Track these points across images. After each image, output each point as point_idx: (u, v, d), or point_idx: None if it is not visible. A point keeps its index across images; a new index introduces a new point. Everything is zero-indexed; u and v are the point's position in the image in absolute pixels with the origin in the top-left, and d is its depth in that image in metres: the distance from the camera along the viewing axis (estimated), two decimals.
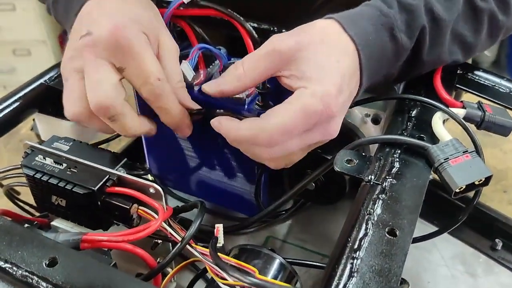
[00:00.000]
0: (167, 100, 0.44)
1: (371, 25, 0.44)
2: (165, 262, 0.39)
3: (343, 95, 0.41)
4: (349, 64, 0.42)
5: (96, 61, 0.42)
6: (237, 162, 0.55)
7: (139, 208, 0.42)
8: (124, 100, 0.43)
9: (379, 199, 0.37)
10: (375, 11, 0.45)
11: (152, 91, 0.43)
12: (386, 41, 0.45)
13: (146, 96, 0.43)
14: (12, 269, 0.32)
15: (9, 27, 2.22)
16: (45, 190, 0.43)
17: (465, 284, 0.54)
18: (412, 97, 0.48)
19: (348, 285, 0.31)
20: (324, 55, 0.42)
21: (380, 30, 0.44)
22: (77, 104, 0.43)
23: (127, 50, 0.42)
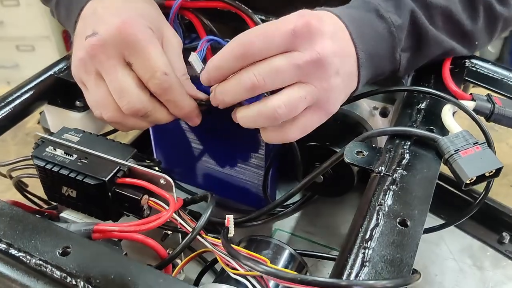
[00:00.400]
0: (175, 93, 0.45)
1: (356, 10, 0.45)
2: (176, 251, 0.39)
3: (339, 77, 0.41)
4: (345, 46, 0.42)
5: (109, 62, 0.43)
6: (245, 155, 0.55)
7: (150, 199, 0.42)
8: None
9: (390, 190, 0.37)
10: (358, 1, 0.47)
11: (160, 85, 0.43)
12: (374, 20, 0.45)
13: (154, 90, 0.44)
14: (26, 258, 0.33)
15: (13, 22, 2.23)
16: (55, 181, 0.43)
17: (473, 277, 0.54)
18: (421, 89, 0.48)
19: (360, 274, 0.31)
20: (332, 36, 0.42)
21: (366, 12, 0.45)
22: (107, 109, 0.45)
23: (134, 46, 0.43)
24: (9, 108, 0.48)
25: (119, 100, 0.44)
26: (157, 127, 0.59)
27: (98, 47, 0.43)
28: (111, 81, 0.43)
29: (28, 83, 0.51)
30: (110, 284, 0.31)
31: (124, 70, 0.43)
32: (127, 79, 0.43)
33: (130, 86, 0.43)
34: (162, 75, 0.43)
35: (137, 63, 0.43)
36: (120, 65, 0.43)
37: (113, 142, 0.45)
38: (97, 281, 0.31)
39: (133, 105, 0.43)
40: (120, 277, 0.31)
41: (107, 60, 0.43)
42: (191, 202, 0.45)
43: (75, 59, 0.46)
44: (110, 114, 0.45)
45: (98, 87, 0.45)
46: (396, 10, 0.46)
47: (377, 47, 0.45)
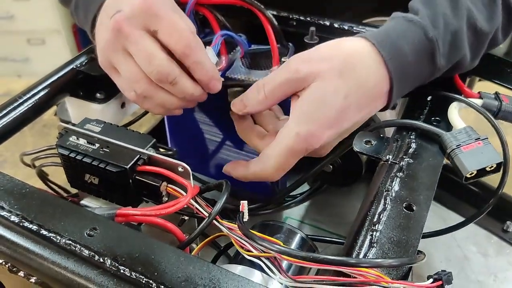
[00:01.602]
0: (202, 53, 0.46)
1: (413, 52, 0.44)
2: (194, 234, 0.41)
3: (335, 129, 0.43)
4: (361, 98, 0.43)
5: (136, 34, 0.44)
6: None
7: (168, 186, 0.44)
8: None
9: (397, 177, 0.39)
10: (419, 33, 0.44)
11: (188, 45, 0.45)
12: (425, 66, 0.45)
13: (182, 50, 0.45)
14: (56, 238, 0.35)
15: (23, 16, 2.24)
16: (79, 169, 0.45)
17: (477, 263, 0.56)
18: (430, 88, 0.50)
19: (368, 254, 0.34)
20: (334, 90, 0.42)
21: (422, 56, 0.44)
22: (139, 83, 0.46)
23: (158, 14, 0.44)
24: (34, 100, 0.51)
25: (148, 66, 0.44)
26: (172, 118, 0.61)
27: (123, 21, 0.44)
28: (139, 50, 0.44)
29: (51, 76, 0.53)
30: (135, 262, 0.33)
31: (150, 38, 0.44)
32: (154, 45, 0.44)
33: (157, 51, 0.44)
34: (189, 34, 0.45)
35: (162, 28, 0.44)
36: (146, 35, 0.44)
37: (132, 132, 0.48)
38: (123, 259, 0.33)
39: (162, 68, 0.44)
40: (144, 256, 0.34)
41: (132, 32, 0.44)
42: (207, 190, 0.48)
43: (101, 43, 0.47)
44: (143, 88, 0.46)
45: (127, 63, 0.46)
46: (448, 53, 0.45)
47: (411, 87, 0.47)
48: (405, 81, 0.44)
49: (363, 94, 0.43)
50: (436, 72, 0.46)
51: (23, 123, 0.50)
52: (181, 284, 0.32)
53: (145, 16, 0.44)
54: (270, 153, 0.45)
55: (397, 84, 0.43)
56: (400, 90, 0.44)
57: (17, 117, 0.49)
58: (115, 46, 0.46)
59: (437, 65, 0.45)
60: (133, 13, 0.44)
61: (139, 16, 0.44)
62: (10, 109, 0.49)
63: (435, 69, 0.46)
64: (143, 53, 0.44)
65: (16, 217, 0.37)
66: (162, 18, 0.44)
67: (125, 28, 0.44)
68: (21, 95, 0.50)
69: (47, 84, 0.52)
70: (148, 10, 0.44)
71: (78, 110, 0.57)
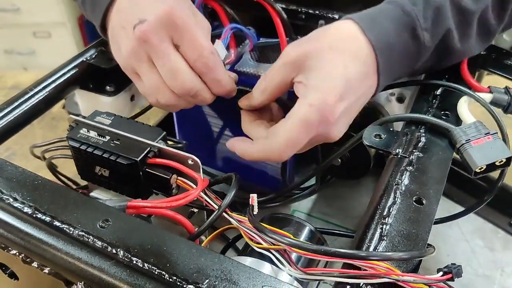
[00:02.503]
0: (219, 71, 0.47)
1: (392, 24, 0.45)
2: (204, 226, 0.42)
3: (346, 101, 0.43)
4: (359, 69, 0.43)
5: (162, 45, 0.45)
6: None
7: (178, 178, 0.44)
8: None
9: (407, 171, 0.40)
10: (397, 9, 0.45)
11: (207, 64, 0.46)
12: (408, 41, 0.45)
13: (201, 68, 0.46)
14: (69, 229, 0.35)
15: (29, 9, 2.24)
16: (89, 161, 0.45)
17: (484, 257, 0.56)
18: (440, 83, 0.50)
19: (378, 247, 0.34)
20: (330, 62, 0.43)
21: (402, 30, 0.45)
22: (163, 94, 0.47)
23: (182, 28, 0.45)
24: (45, 92, 0.51)
25: (172, 81, 0.46)
26: (180, 112, 0.61)
27: (150, 32, 0.44)
28: (164, 64, 0.45)
29: (61, 68, 0.53)
30: (147, 253, 0.34)
31: (175, 53, 0.45)
32: (179, 60, 0.45)
33: (182, 67, 0.45)
34: (209, 54, 0.46)
35: (185, 44, 0.45)
36: (171, 48, 0.45)
37: (142, 125, 0.48)
38: (135, 251, 0.34)
39: (186, 84, 0.46)
40: (156, 247, 0.34)
41: (159, 44, 0.45)
42: (216, 183, 0.48)
43: (125, 51, 0.47)
44: (167, 98, 0.47)
45: (152, 73, 0.47)
46: (432, 27, 0.46)
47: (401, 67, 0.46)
48: (388, 52, 0.44)
49: (359, 63, 0.43)
50: (423, 48, 0.46)
51: (34, 116, 0.51)
52: (193, 275, 0.32)
53: (170, 27, 0.45)
54: (280, 127, 0.44)
55: (380, 53, 0.43)
56: (387, 64, 0.44)
57: (28, 110, 0.50)
58: (140, 56, 0.46)
59: (421, 40, 0.45)
60: (159, 23, 0.44)
61: (164, 27, 0.45)
62: (21, 102, 0.50)
63: (420, 45, 0.45)
64: (168, 67, 0.45)
65: (29, 209, 0.37)
66: (185, 33, 0.45)
67: (152, 39, 0.45)
68: (31, 87, 0.51)
69: (57, 77, 0.53)
70: (173, 22, 0.45)
71: (88, 102, 0.57)
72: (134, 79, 0.50)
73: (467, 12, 0.47)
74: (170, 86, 0.46)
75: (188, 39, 0.45)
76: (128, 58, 0.47)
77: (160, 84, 0.47)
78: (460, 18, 0.47)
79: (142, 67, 0.47)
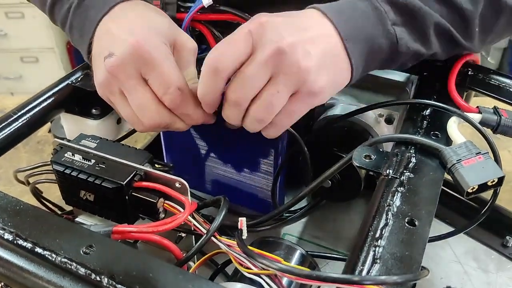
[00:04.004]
0: (188, 107, 0.46)
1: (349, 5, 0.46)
2: (192, 251, 0.40)
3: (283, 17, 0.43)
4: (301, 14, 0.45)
5: (129, 82, 0.45)
6: (254, 161, 0.56)
7: (165, 202, 0.44)
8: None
9: (398, 192, 0.39)
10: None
11: (173, 101, 0.45)
12: (371, 21, 0.45)
13: (168, 104, 0.46)
14: (51, 256, 0.34)
15: (17, 34, 2.25)
16: (74, 185, 0.44)
17: (478, 279, 0.55)
18: (428, 103, 0.50)
19: (371, 271, 0.33)
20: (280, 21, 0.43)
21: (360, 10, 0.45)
22: (137, 125, 0.48)
23: (149, 63, 0.44)
24: (28, 116, 0.50)
25: (140, 116, 0.46)
26: (167, 134, 0.61)
27: (116, 68, 0.44)
28: (132, 99, 0.46)
29: (46, 91, 0.53)
30: (132, 280, 0.32)
31: (143, 88, 0.45)
32: (146, 96, 0.45)
33: (148, 102, 0.45)
34: (175, 91, 0.45)
35: (152, 79, 0.45)
36: (139, 83, 0.45)
37: (129, 148, 0.47)
38: (120, 277, 0.33)
39: (153, 120, 0.46)
40: (142, 274, 0.33)
41: (127, 80, 0.45)
42: (204, 206, 0.47)
43: (98, 81, 0.47)
44: (141, 128, 0.48)
45: (124, 105, 0.47)
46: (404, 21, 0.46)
47: (363, 22, 0.45)
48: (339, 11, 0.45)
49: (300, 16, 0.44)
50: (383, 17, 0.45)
51: (18, 139, 0.50)
52: None
53: (137, 62, 0.44)
54: None
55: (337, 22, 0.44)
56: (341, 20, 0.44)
57: (11, 133, 0.49)
58: (111, 89, 0.47)
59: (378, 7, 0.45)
60: (125, 59, 0.44)
61: (131, 63, 0.44)
62: (4, 125, 0.49)
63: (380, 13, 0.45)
64: (136, 101, 0.46)
65: (10, 235, 0.36)
66: (152, 67, 0.44)
67: (119, 75, 0.45)
68: (15, 111, 0.50)
69: (42, 100, 0.52)
70: (139, 57, 0.44)
71: (74, 126, 0.56)
72: (111, 105, 0.50)
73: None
74: (140, 119, 0.47)
75: (155, 74, 0.45)
76: (101, 89, 0.48)
77: (132, 116, 0.47)
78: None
79: (115, 98, 0.48)
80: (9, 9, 2.17)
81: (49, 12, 0.55)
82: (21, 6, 2.14)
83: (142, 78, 0.45)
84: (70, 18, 0.52)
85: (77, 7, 0.51)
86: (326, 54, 0.43)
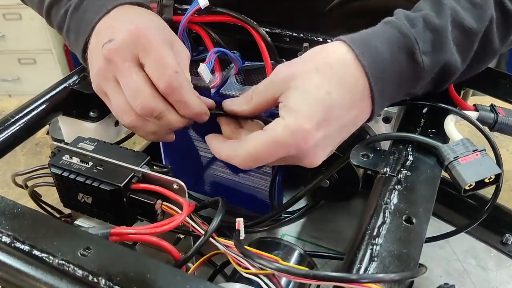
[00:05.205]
0: (185, 92, 0.46)
1: (388, 48, 0.42)
2: (191, 252, 0.40)
3: (325, 129, 0.41)
4: (344, 96, 0.41)
5: (124, 65, 0.44)
6: None
7: (163, 204, 0.43)
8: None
9: (395, 190, 0.39)
10: (393, 31, 0.43)
11: (169, 83, 0.44)
12: (405, 66, 0.43)
13: (163, 88, 0.45)
14: (49, 258, 0.34)
15: (15, 36, 2.25)
16: (72, 188, 0.44)
17: (478, 277, 0.55)
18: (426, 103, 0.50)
19: (369, 269, 0.33)
20: (314, 86, 0.41)
21: (398, 52, 0.42)
22: (127, 115, 0.46)
23: (147, 47, 0.44)
24: (26, 119, 0.50)
25: (133, 101, 0.45)
26: None
27: (114, 51, 0.44)
28: (126, 83, 0.45)
29: (44, 95, 0.53)
30: (130, 281, 0.32)
31: (138, 72, 0.45)
32: (141, 79, 0.45)
33: (143, 86, 0.44)
34: (172, 73, 0.44)
35: (148, 62, 0.45)
36: (135, 67, 0.45)
37: (126, 150, 0.47)
38: (118, 279, 0.32)
39: (146, 104, 0.44)
40: (139, 275, 0.33)
41: (122, 63, 0.44)
42: (202, 207, 0.47)
43: (93, 70, 0.47)
44: (131, 119, 0.47)
45: (117, 93, 0.46)
46: (431, 51, 0.43)
47: (397, 93, 0.44)
48: (384, 79, 0.42)
49: (345, 91, 0.41)
50: (422, 72, 0.43)
51: (16, 142, 0.50)
52: None
53: (135, 47, 0.45)
54: (251, 137, 0.43)
55: (374, 80, 0.41)
56: (382, 91, 0.42)
57: (9, 136, 0.49)
58: (106, 75, 0.46)
59: (419, 63, 0.43)
60: (124, 43, 0.44)
61: (129, 47, 0.44)
62: (3, 128, 0.49)
63: (418, 68, 0.43)
64: (130, 87, 0.45)
65: (8, 238, 0.36)
66: (150, 51, 0.45)
67: (115, 58, 0.45)
68: (13, 114, 0.50)
69: (40, 103, 0.52)
70: (138, 41, 0.44)
71: (71, 128, 0.56)
72: (105, 100, 0.49)
73: (470, 32, 0.44)
74: (132, 106, 0.45)
75: (152, 58, 0.45)
76: (96, 78, 0.47)
77: (124, 104, 0.46)
78: (462, 39, 0.44)
79: (109, 87, 0.47)
80: (6, 11, 2.17)
81: (46, 15, 0.55)
82: (19, 7, 2.14)
83: (139, 63, 0.45)
84: (67, 22, 0.52)
85: (74, 10, 0.51)
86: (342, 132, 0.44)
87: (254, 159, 0.42)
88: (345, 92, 0.41)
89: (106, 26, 0.48)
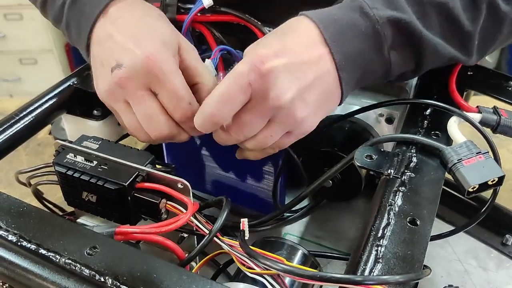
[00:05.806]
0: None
1: (340, 10, 0.45)
2: (195, 252, 0.41)
3: (284, 58, 0.42)
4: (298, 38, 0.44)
5: (137, 93, 0.45)
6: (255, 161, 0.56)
7: (168, 203, 0.44)
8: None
9: (399, 191, 0.39)
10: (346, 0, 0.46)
11: (185, 114, 0.46)
12: (357, 19, 0.44)
13: (178, 118, 0.46)
14: (55, 257, 0.34)
15: (16, 36, 2.24)
16: (76, 186, 0.44)
17: (478, 277, 0.56)
18: (429, 102, 0.50)
19: (374, 270, 0.33)
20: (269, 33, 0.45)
21: (346, 10, 0.44)
22: (139, 134, 0.49)
23: (160, 78, 0.44)
24: (30, 118, 0.50)
25: (147, 127, 0.47)
26: None
27: (125, 79, 0.44)
28: (140, 110, 0.46)
29: (48, 93, 0.53)
30: (136, 281, 0.33)
31: (151, 100, 0.45)
32: (154, 108, 0.46)
33: (157, 114, 0.46)
34: (186, 105, 0.45)
35: (163, 93, 0.45)
36: (147, 95, 0.45)
37: (131, 149, 0.47)
38: (124, 278, 0.33)
39: (162, 131, 0.46)
40: (146, 274, 0.33)
41: (135, 91, 0.45)
42: (206, 206, 0.47)
43: (102, 89, 0.47)
44: (143, 138, 0.49)
45: (128, 114, 0.47)
46: (382, 6, 0.44)
47: (361, 47, 0.44)
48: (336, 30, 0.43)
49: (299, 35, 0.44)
50: (376, 24, 0.43)
51: (20, 141, 0.50)
52: None
53: (147, 76, 0.44)
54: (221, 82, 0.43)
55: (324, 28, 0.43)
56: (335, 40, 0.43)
57: (13, 135, 0.49)
58: (116, 97, 0.47)
59: (371, 16, 0.43)
60: (135, 72, 0.44)
61: (141, 77, 0.44)
62: (6, 127, 0.49)
63: (371, 21, 0.43)
64: (144, 113, 0.46)
65: (14, 236, 0.36)
66: (163, 82, 0.45)
67: (128, 86, 0.45)
68: (17, 112, 0.50)
69: (44, 101, 0.52)
70: (150, 71, 0.44)
71: (75, 127, 0.56)
72: (113, 113, 0.50)
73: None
74: (145, 129, 0.47)
75: (166, 89, 0.45)
76: (104, 96, 0.48)
77: (136, 125, 0.47)
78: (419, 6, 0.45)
79: (119, 107, 0.48)
80: (7, 11, 2.16)
81: (41, 6, 0.55)
82: (20, 8, 2.13)
83: (150, 91, 0.45)
84: (65, 16, 0.51)
85: (72, 4, 0.50)
86: (321, 97, 0.44)
87: (226, 99, 0.42)
88: (299, 36, 0.44)
89: (107, 36, 0.47)
